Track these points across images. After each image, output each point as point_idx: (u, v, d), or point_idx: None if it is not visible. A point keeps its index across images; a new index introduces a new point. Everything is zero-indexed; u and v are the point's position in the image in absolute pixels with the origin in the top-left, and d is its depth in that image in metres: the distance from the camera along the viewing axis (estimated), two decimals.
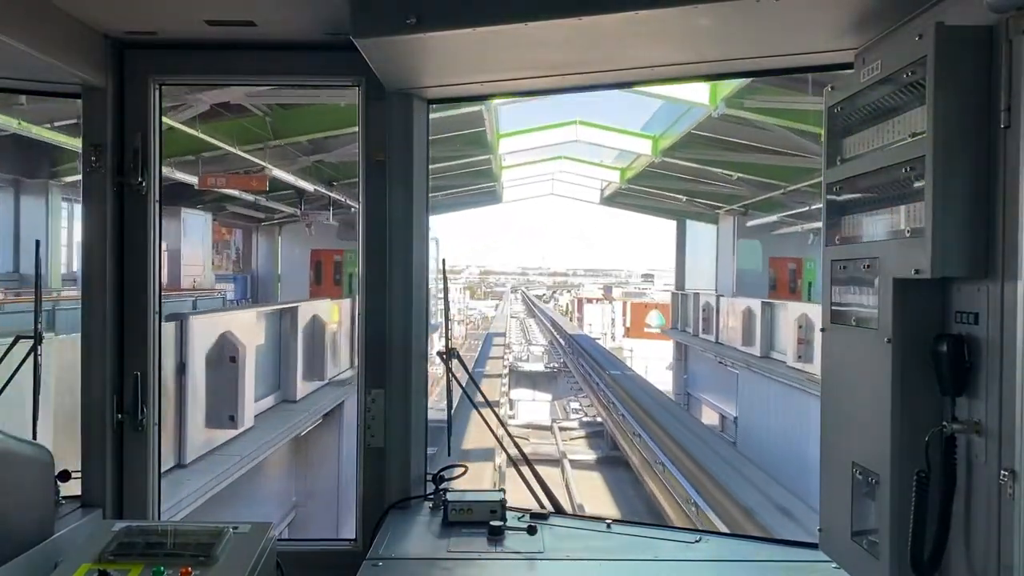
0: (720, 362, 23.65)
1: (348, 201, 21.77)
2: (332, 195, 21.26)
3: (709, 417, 25.56)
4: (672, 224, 31.69)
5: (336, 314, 15.74)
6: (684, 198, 25.67)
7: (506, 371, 35.36)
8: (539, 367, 39.70)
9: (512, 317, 75.14)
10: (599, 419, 26.08)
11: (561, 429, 27.37)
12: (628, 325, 56.33)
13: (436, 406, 3.75)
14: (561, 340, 45.99)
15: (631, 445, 19.15)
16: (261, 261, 28.61)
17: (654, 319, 50.80)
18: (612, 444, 22.94)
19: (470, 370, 3.63)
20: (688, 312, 28.01)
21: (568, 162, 27.25)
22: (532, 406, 31.85)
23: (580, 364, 34.42)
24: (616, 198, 30.31)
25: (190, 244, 21.15)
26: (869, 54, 2.28)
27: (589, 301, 75.57)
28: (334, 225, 23.66)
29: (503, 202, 33.69)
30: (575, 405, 33.03)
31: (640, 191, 26.90)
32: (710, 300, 25.00)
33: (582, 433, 26.80)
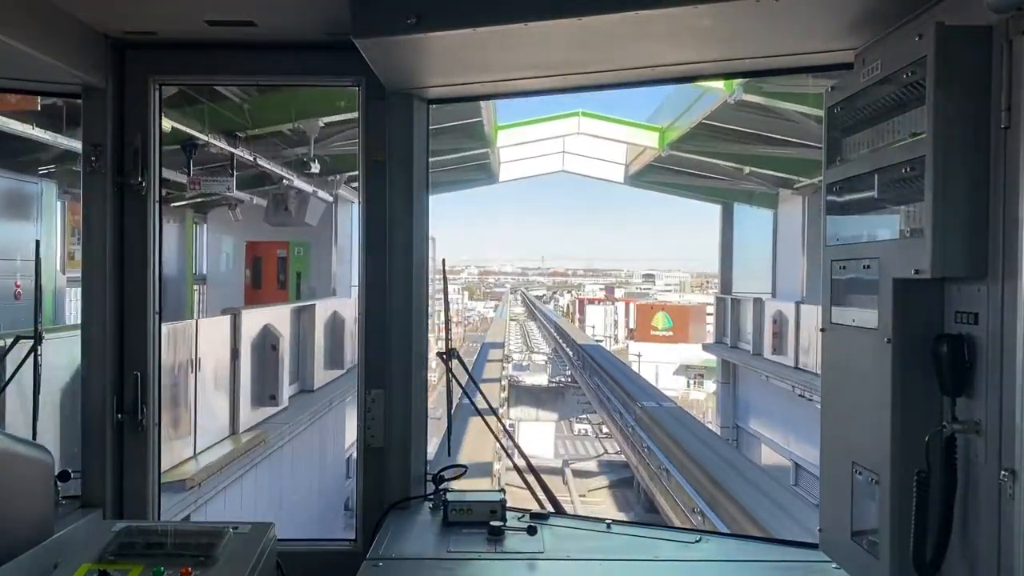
0: (801, 394, 16.83)
1: (264, 165, 14.47)
2: (235, 152, 14.00)
3: (769, 460, 19.46)
4: (705, 210, 24.99)
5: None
6: (747, 169, 18.39)
7: (504, 393, 29.42)
8: (542, 379, 34.62)
9: (512, 320, 72.64)
10: (620, 455, 21.00)
11: (576, 474, 22.41)
12: (633, 327, 55.49)
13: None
14: (568, 350, 39.52)
15: (685, 520, 14.20)
16: (165, 256, 15.81)
17: (660, 322, 50.33)
18: (647, 502, 18.06)
19: (469, 374, 3.63)
20: (744, 323, 20.54)
21: (587, 119, 19.67)
22: (535, 430, 26.33)
23: (595, 384, 27.59)
24: (647, 175, 21.74)
25: (10, 228, 11.94)
26: (869, 54, 2.28)
27: (591, 302, 75.22)
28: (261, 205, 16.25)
29: (500, 181, 23.96)
30: (582, 415, 28.67)
31: (686, 160, 18.85)
32: (783, 309, 18.28)
33: (604, 482, 21.71)
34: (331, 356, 14.55)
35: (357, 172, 3.28)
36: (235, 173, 14.43)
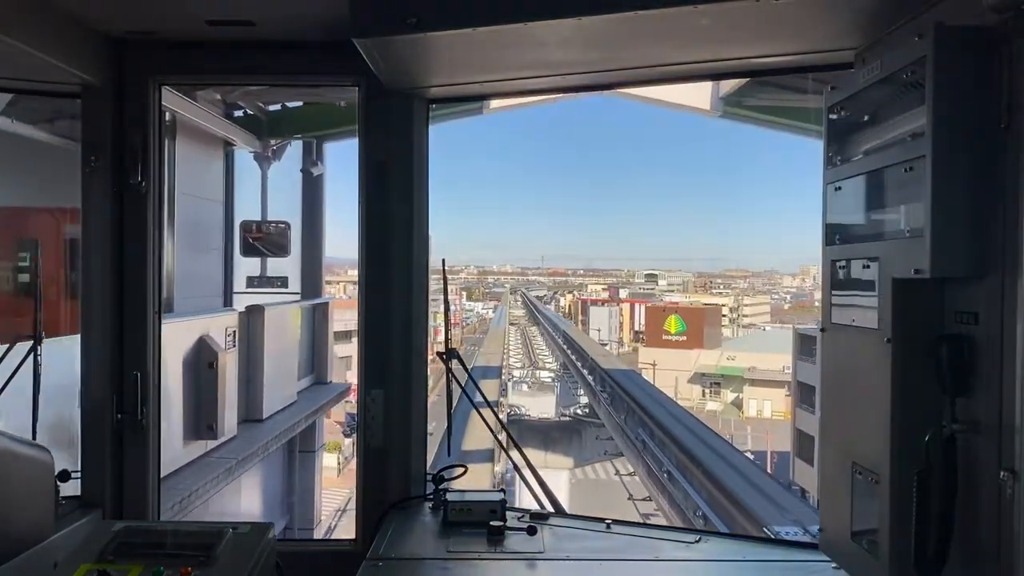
0: None
1: None
2: None
3: None
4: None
5: None
6: None
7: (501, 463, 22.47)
8: (549, 407, 27.52)
9: (511, 324, 68.16)
10: None
11: None
12: (641, 330, 54.16)
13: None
14: (585, 372, 31.47)
15: None
16: None
17: (674, 325, 49.41)
18: None
19: (469, 374, 3.62)
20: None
21: None
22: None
23: (638, 437, 21.29)
24: (756, 92, 11.25)
25: None
26: (869, 54, 2.28)
27: (594, 303, 74.61)
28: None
29: (491, 110, 13.08)
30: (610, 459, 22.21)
31: None
32: None
33: None
34: None
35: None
36: None
